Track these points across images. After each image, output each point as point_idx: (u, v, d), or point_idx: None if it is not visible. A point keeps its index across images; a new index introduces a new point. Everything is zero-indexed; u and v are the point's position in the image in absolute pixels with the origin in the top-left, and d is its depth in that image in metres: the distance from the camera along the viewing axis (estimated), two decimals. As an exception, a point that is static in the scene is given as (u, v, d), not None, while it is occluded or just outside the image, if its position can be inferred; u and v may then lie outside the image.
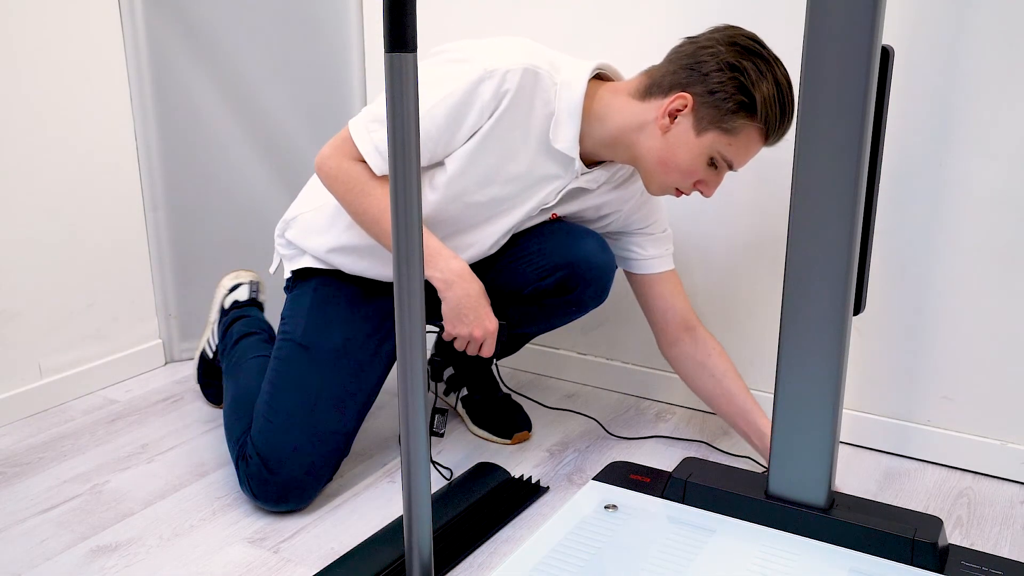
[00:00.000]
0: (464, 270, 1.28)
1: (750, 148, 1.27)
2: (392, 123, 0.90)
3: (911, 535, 1.14)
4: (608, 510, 1.25)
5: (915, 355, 1.49)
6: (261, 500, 1.33)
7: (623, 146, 1.31)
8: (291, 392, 1.36)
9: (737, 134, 1.24)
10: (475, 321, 1.30)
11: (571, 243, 1.39)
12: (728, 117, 1.23)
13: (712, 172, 1.29)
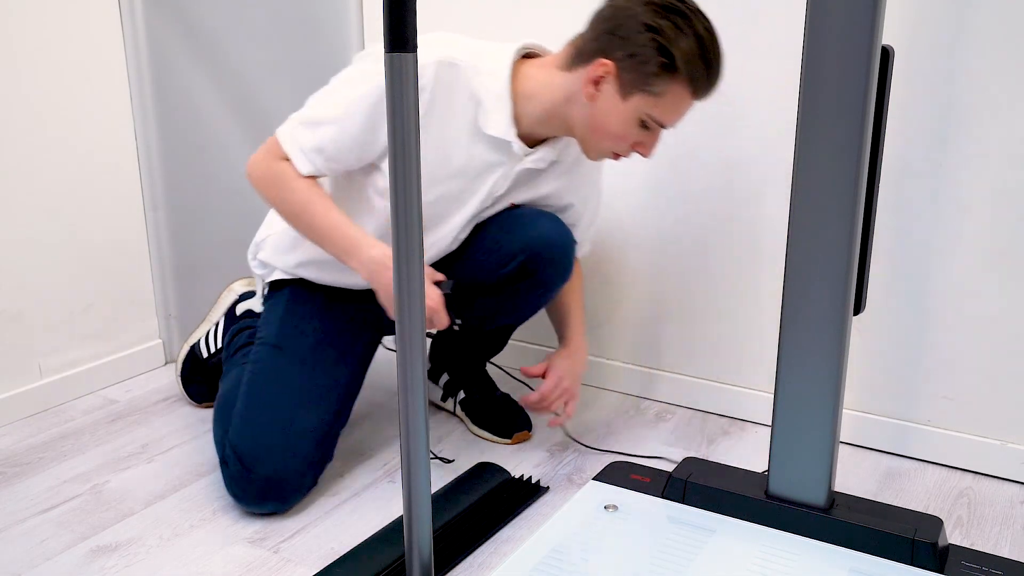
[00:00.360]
0: (384, 255, 1.28)
1: (679, 106, 1.27)
2: (392, 123, 0.90)
3: (911, 535, 1.14)
4: (608, 510, 1.25)
5: (915, 355, 1.49)
6: (243, 502, 1.33)
7: (557, 119, 1.31)
8: (266, 391, 1.36)
9: (663, 95, 1.24)
10: None
11: (527, 227, 1.40)
12: (651, 79, 1.23)
13: (646, 133, 1.29)
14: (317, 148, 1.30)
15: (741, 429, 1.63)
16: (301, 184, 1.30)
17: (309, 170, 1.30)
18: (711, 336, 1.66)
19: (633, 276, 1.71)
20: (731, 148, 1.56)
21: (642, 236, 1.68)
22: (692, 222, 1.63)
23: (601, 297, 1.75)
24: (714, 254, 1.63)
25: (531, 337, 1.86)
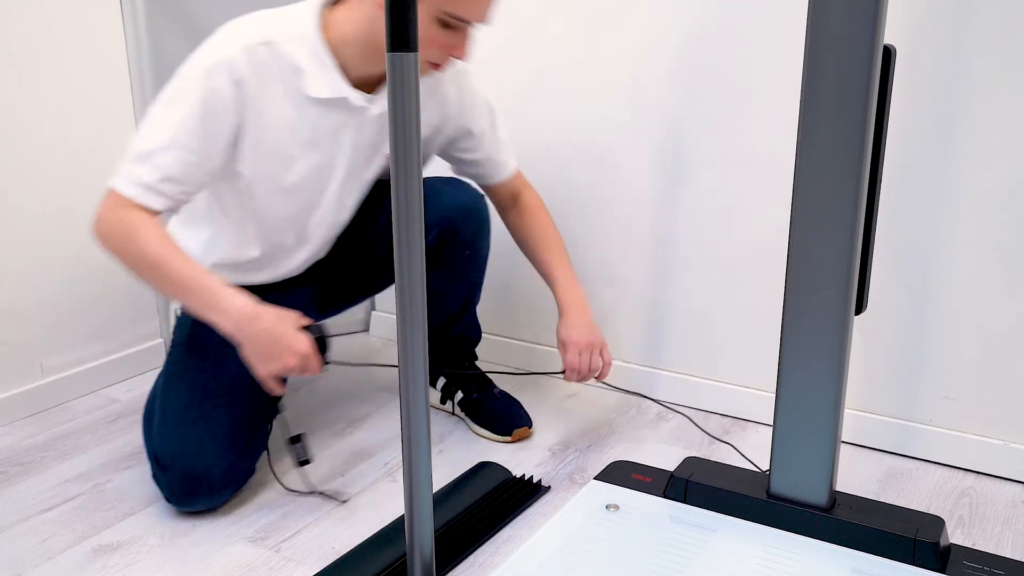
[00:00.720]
0: (248, 305, 1.21)
1: None
2: (394, 122, 0.90)
3: (913, 535, 1.14)
4: (610, 510, 1.25)
5: (917, 354, 1.49)
6: (173, 501, 1.31)
7: (377, 51, 1.25)
8: (177, 392, 1.34)
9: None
10: (284, 351, 1.22)
11: (433, 201, 1.43)
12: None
13: (453, 34, 1.23)
14: (165, 178, 1.22)
15: (742, 429, 1.62)
16: (154, 236, 1.22)
17: (162, 204, 1.23)
18: (713, 335, 1.66)
19: (634, 275, 1.71)
20: (732, 147, 1.56)
21: (644, 235, 1.68)
22: (694, 221, 1.63)
23: (602, 296, 1.75)
24: (716, 253, 1.62)
25: (544, 339, 1.86)
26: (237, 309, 1.21)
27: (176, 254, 1.22)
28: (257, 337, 1.21)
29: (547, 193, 1.75)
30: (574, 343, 1.47)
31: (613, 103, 1.65)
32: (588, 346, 1.47)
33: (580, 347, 1.46)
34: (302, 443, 1.36)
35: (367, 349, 1.97)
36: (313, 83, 1.27)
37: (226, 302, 1.21)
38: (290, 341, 1.22)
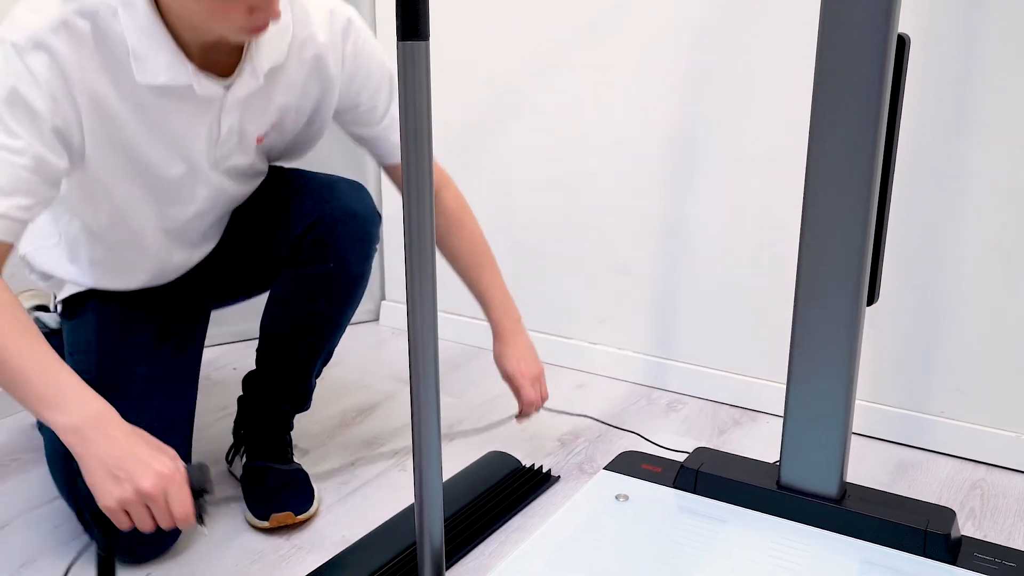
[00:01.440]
0: (104, 411, 0.95)
1: None
2: (405, 113, 0.90)
3: (924, 526, 1.14)
4: (619, 500, 1.25)
5: (929, 346, 1.48)
6: (127, 560, 1.17)
7: (222, 17, 1.02)
8: None
9: None
10: (139, 468, 0.92)
11: (317, 191, 1.25)
12: None
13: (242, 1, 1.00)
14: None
15: (752, 419, 1.62)
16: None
17: (2, 229, 0.97)
18: (723, 326, 1.66)
19: (645, 265, 1.71)
20: (744, 138, 1.55)
21: (654, 225, 1.68)
22: (704, 211, 1.62)
23: (612, 286, 1.75)
24: (727, 243, 1.62)
25: (552, 328, 1.86)
26: (85, 415, 0.93)
27: (20, 327, 0.95)
28: (103, 446, 0.92)
29: (557, 183, 1.75)
30: (523, 375, 1.38)
31: (624, 92, 1.64)
32: (537, 377, 1.40)
33: (531, 379, 1.39)
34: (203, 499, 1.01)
35: (377, 338, 1.98)
36: (144, 67, 1.04)
37: (71, 398, 0.94)
38: (148, 457, 0.94)
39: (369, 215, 1.27)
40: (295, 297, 1.28)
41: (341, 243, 1.24)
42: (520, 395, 1.40)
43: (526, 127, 1.75)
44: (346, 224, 1.23)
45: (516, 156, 1.78)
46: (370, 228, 1.27)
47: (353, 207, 1.24)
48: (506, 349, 1.40)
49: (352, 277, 1.27)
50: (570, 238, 1.77)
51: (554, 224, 1.78)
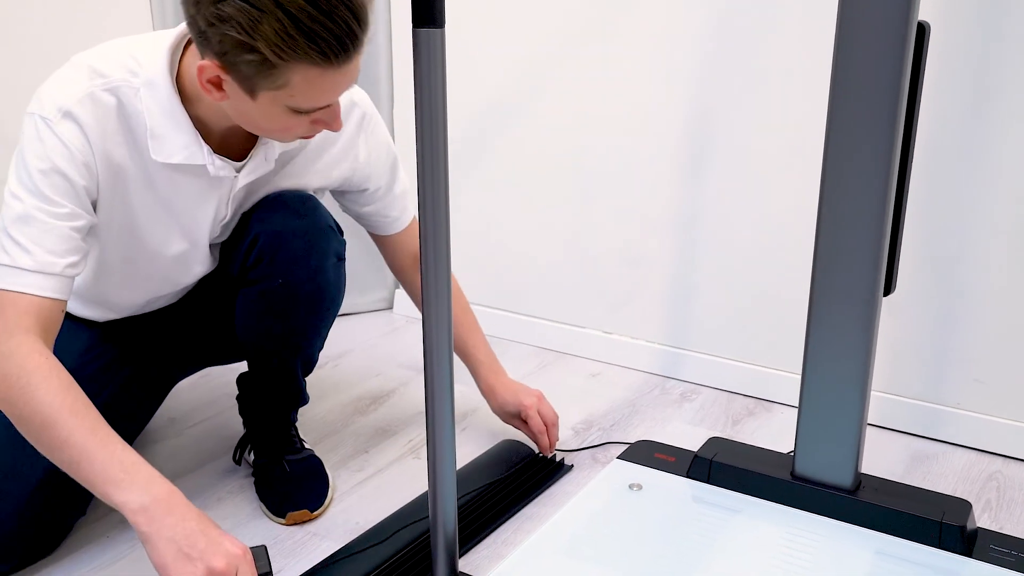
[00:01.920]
0: (173, 492, 0.96)
1: (316, 87, 0.98)
2: (420, 100, 0.90)
3: (939, 518, 1.14)
4: (633, 489, 1.25)
5: (946, 337, 1.47)
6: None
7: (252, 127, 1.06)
8: None
9: (285, 84, 0.97)
10: (210, 547, 0.94)
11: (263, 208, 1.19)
12: (258, 77, 0.96)
13: (311, 115, 1.03)
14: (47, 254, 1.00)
15: (767, 410, 1.62)
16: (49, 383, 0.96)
17: (54, 288, 1.00)
18: (737, 316, 1.65)
19: (659, 255, 1.70)
20: (760, 125, 1.54)
21: (669, 214, 1.67)
22: (719, 201, 1.62)
23: (626, 276, 1.74)
24: (742, 233, 1.61)
25: (566, 317, 1.85)
26: (152, 488, 0.95)
27: (79, 412, 0.97)
28: (175, 526, 0.94)
29: (569, 174, 1.74)
30: (528, 407, 1.37)
31: (640, 81, 1.63)
32: (536, 404, 1.38)
33: (535, 409, 1.37)
34: None
35: (390, 327, 1.98)
36: (161, 147, 1.06)
37: (139, 479, 0.95)
38: (219, 537, 0.95)
39: (315, 229, 1.20)
40: (251, 314, 1.24)
41: (283, 258, 1.19)
42: (530, 430, 1.38)
43: (541, 116, 1.75)
44: (287, 239, 1.18)
45: (531, 145, 1.77)
46: (316, 241, 1.20)
47: (293, 222, 1.19)
48: (498, 394, 1.40)
49: (305, 293, 1.21)
50: (585, 227, 1.76)
51: (569, 213, 1.77)
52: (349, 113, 1.19)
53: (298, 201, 1.21)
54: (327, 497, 1.31)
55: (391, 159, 1.28)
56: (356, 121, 1.22)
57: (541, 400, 1.39)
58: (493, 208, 1.85)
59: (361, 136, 1.23)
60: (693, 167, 1.63)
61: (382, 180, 1.28)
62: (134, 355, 1.29)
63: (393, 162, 1.29)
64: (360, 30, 0.96)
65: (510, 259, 1.86)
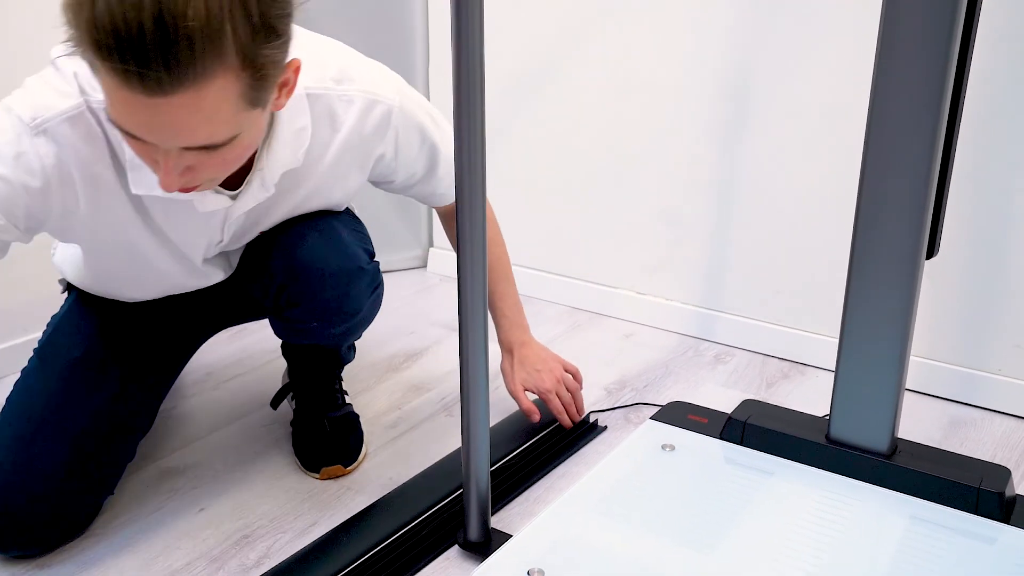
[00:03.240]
0: None
1: (122, 104, 0.81)
2: (457, 63, 0.89)
3: (977, 484, 1.12)
4: (665, 450, 1.25)
5: (989, 301, 1.44)
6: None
7: None
8: (13, 414, 1.14)
9: (105, 90, 0.82)
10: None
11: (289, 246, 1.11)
12: (94, 70, 0.81)
13: (143, 146, 0.86)
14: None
15: (801, 373, 1.60)
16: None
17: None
18: (773, 278, 1.63)
19: (696, 215, 1.68)
20: (803, 84, 1.51)
21: (706, 175, 1.65)
22: (758, 160, 1.59)
23: (662, 237, 1.73)
24: (780, 194, 1.58)
25: (600, 278, 1.85)
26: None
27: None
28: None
29: (606, 135, 1.72)
30: (547, 391, 1.34)
31: (678, 37, 1.60)
32: (554, 385, 1.35)
33: (553, 393, 1.35)
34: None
35: (424, 285, 1.98)
36: (140, 180, 0.97)
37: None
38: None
39: (343, 270, 1.12)
40: (286, 334, 1.22)
41: (316, 306, 1.13)
42: (551, 408, 1.36)
43: (578, 75, 1.72)
44: (315, 283, 1.11)
45: (567, 105, 1.75)
46: (349, 288, 1.12)
47: (318, 265, 1.10)
48: (518, 365, 1.36)
49: (344, 330, 1.18)
50: (621, 187, 1.75)
51: (605, 173, 1.75)
52: (367, 114, 1.07)
53: (325, 237, 1.12)
54: (361, 453, 1.32)
55: (427, 146, 1.16)
56: (376, 122, 1.08)
57: (559, 383, 1.36)
58: (528, 168, 1.84)
59: (388, 134, 1.10)
60: (732, 128, 1.60)
61: (417, 167, 1.17)
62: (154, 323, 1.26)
63: (431, 149, 1.16)
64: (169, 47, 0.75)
65: (545, 219, 1.85)
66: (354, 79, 1.07)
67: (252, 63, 0.81)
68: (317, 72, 1.03)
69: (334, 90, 1.05)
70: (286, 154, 1.01)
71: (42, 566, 1.11)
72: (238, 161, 0.91)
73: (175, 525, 1.19)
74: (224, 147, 0.86)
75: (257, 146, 0.93)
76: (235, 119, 0.84)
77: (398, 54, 1.87)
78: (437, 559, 1.12)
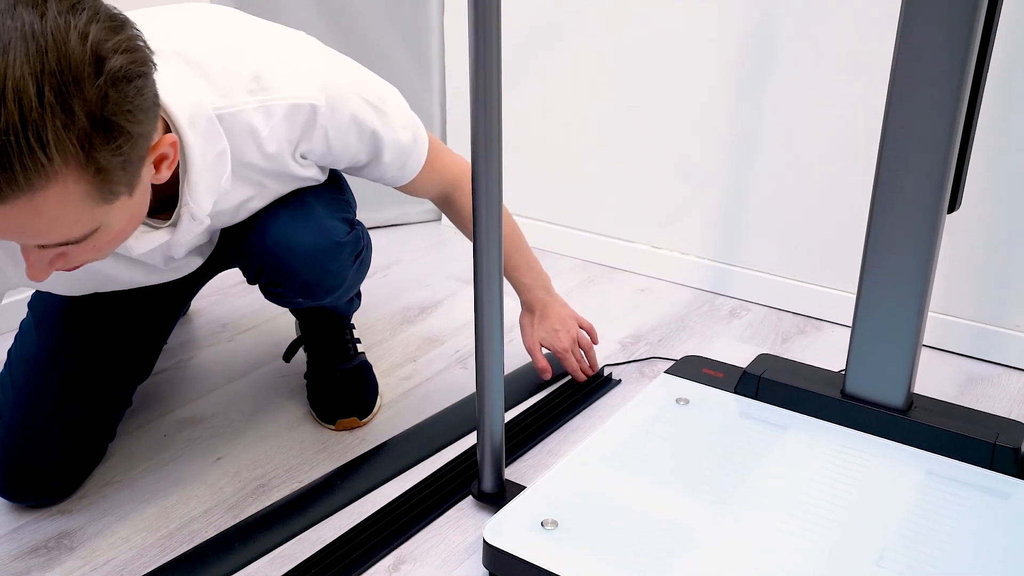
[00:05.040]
0: None
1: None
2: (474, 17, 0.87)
3: (992, 439, 1.12)
4: (680, 404, 1.25)
5: (1010, 258, 1.43)
6: None
7: None
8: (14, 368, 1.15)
9: None
10: None
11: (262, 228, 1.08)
12: None
13: None
14: None
15: (817, 328, 1.60)
16: None
17: None
18: (790, 232, 1.62)
19: (712, 169, 1.66)
20: (821, 33, 1.48)
21: (723, 128, 1.62)
22: (776, 114, 1.56)
23: (679, 190, 1.71)
24: (797, 147, 1.56)
25: (616, 232, 1.83)
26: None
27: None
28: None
29: (622, 87, 1.70)
30: (564, 350, 1.36)
31: (699, -14, 1.57)
32: (570, 344, 1.36)
33: (569, 352, 1.36)
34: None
35: (438, 238, 1.98)
36: None
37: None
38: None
39: (318, 248, 1.09)
40: (282, 305, 1.21)
41: (296, 284, 1.10)
42: (567, 367, 1.37)
43: (593, 25, 1.69)
44: (291, 264, 1.08)
45: (581, 57, 1.73)
46: (327, 263, 1.10)
47: (291, 246, 1.08)
48: (538, 322, 1.36)
49: (329, 303, 1.18)
50: (636, 141, 1.73)
51: (621, 127, 1.73)
52: (291, 119, 1.00)
53: (298, 215, 1.09)
54: (376, 405, 1.33)
55: (367, 136, 1.07)
56: (302, 123, 1.01)
57: (575, 341, 1.37)
58: (543, 121, 1.82)
59: (315, 133, 1.02)
60: (750, 80, 1.57)
61: (360, 156, 1.09)
62: None
63: (371, 137, 1.07)
64: None
65: (559, 172, 1.84)
66: (269, 87, 0.97)
67: (91, 166, 0.74)
68: (226, 85, 0.95)
69: (248, 104, 0.96)
70: (209, 182, 0.95)
71: (64, 512, 1.13)
72: (115, 243, 0.85)
73: (193, 474, 1.20)
74: (89, 238, 0.81)
75: (134, 227, 0.87)
76: (88, 216, 0.78)
77: (414, 9, 1.84)
78: (451, 509, 1.14)
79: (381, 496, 1.16)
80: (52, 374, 1.15)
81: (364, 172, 1.14)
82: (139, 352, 1.23)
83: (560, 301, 1.40)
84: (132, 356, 1.22)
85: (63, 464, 1.14)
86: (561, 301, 1.40)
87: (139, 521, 1.12)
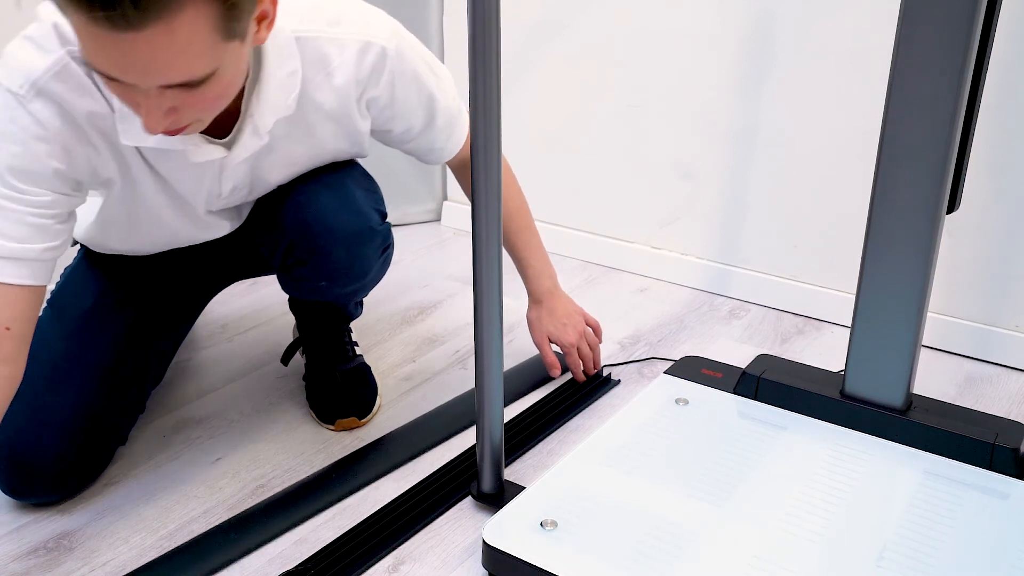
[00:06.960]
0: None
1: (91, 42, 0.79)
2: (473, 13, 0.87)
3: (992, 440, 1.12)
4: (679, 404, 1.25)
5: (1009, 259, 1.43)
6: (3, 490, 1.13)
7: None
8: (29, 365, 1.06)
9: (71, 22, 0.79)
10: None
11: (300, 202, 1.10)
12: None
13: (121, 88, 0.84)
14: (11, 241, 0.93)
15: (816, 329, 1.60)
16: None
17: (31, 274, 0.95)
18: (789, 232, 1.62)
19: (711, 168, 1.66)
20: (821, 30, 1.48)
21: (722, 128, 1.63)
22: (775, 114, 1.57)
23: (677, 189, 1.71)
24: (797, 148, 1.56)
25: (614, 232, 1.84)
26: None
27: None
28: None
29: (622, 80, 1.70)
30: (571, 346, 1.35)
31: (698, -14, 1.57)
32: (577, 340, 1.35)
33: (574, 348, 1.35)
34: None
35: (438, 238, 1.98)
36: (128, 130, 0.94)
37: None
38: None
39: (354, 229, 1.11)
40: (294, 289, 1.22)
41: (325, 265, 1.12)
42: (569, 363, 1.37)
43: (593, 22, 1.69)
44: (325, 241, 1.10)
45: (582, 54, 1.73)
46: (359, 249, 1.12)
47: (329, 223, 1.10)
48: (544, 316, 1.36)
49: (352, 290, 1.19)
50: (636, 141, 1.73)
51: (620, 127, 1.73)
52: (361, 57, 1.03)
53: (338, 194, 1.11)
54: (375, 405, 1.33)
55: (425, 95, 1.11)
56: (370, 65, 1.04)
57: (582, 337, 1.37)
58: (543, 120, 1.82)
59: (383, 78, 1.05)
60: (749, 80, 1.57)
61: (415, 119, 1.13)
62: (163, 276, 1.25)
63: (428, 98, 1.11)
64: None
65: (559, 172, 1.84)
66: (346, 22, 1.03)
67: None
68: (309, 15, 1.00)
69: (325, 33, 1.01)
70: (277, 100, 0.98)
71: (63, 512, 1.13)
72: (221, 99, 0.88)
73: (192, 474, 1.20)
74: (204, 84, 0.83)
75: (240, 84, 0.90)
76: (211, 53, 0.81)
77: (414, 9, 1.84)
78: (450, 510, 1.14)
79: (381, 496, 1.16)
80: (71, 384, 1.13)
81: (415, 140, 1.17)
82: (155, 358, 1.24)
83: (567, 296, 1.40)
84: (148, 362, 1.22)
85: (72, 467, 1.13)
86: (567, 297, 1.40)
87: (138, 521, 1.12)
